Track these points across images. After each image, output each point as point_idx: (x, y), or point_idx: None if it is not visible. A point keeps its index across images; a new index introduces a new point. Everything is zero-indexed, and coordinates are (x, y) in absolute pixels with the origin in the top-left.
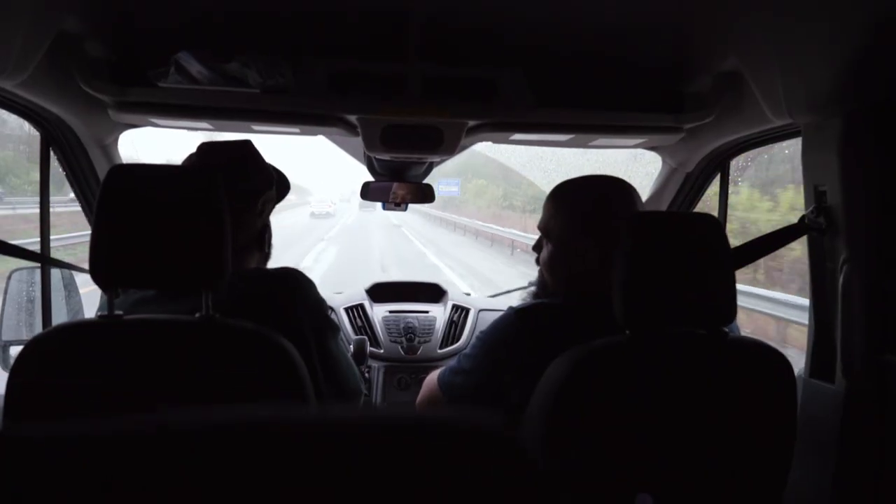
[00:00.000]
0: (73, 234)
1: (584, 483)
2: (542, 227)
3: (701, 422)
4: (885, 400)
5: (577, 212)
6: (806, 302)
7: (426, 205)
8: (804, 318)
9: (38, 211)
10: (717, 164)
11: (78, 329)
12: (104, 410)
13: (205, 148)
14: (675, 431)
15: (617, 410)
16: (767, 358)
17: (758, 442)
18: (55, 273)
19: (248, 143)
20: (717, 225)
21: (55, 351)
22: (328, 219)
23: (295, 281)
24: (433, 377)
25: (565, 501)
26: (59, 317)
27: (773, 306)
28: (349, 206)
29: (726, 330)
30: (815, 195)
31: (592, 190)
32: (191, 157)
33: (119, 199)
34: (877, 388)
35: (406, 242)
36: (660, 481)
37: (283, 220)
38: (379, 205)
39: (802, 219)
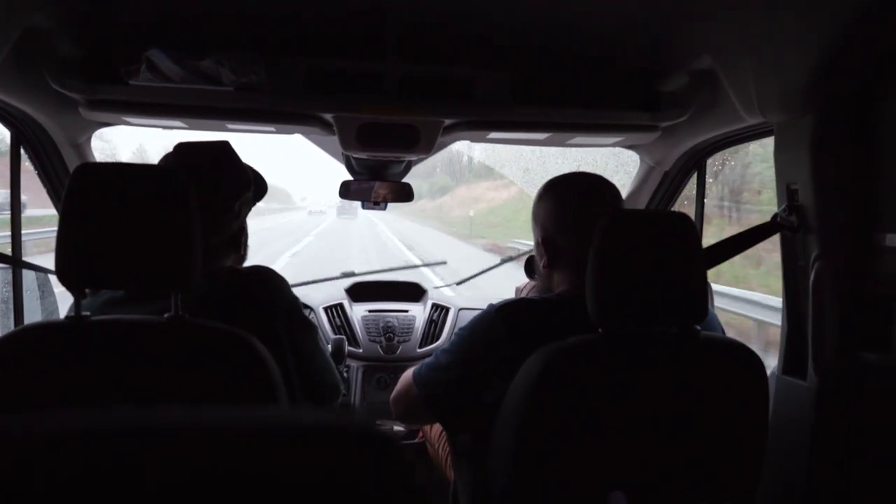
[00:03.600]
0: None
1: (557, 481)
2: (534, 227)
3: (674, 419)
4: (857, 396)
5: (562, 204)
6: None
7: None
8: None
9: None
10: (694, 163)
11: (44, 330)
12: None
13: (181, 148)
14: (648, 429)
15: (590, 409)
16: (739, 355)
17: (731, 439)
18: (29, 274)
19: (225, 144)
20: (689, 223)
21: (20, 352)
22: (321, 216)
23: (266, 278)
24: (409, 373)
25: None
26: (33, 318)
27: None
28: (324, 217)
29: (698, 328)
30: (787, 193)
31: (576, 184)
32: (167, 157)
33: (86, 198)
34: (848, 384)
35: None
36: (633, 479)
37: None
38: (360, 211)
39: (775, 217)
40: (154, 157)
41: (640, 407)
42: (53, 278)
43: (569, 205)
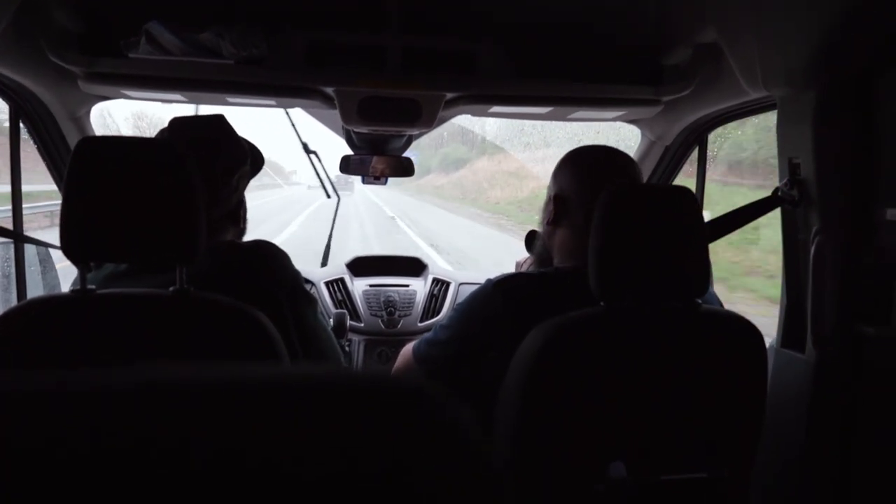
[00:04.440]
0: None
1: (559, 452)
2: (550, 186)
3: (674, 392)
4: (855, 369)
5: (583, 170)
6: None
7: None
8: None
9: None
10: (696, 138)
11: (49, 303)
12: None
13: (177, 123)
14: (649, 402)
15: (591, 381)
16: (739, 328)
17: (729, 411)
18: (31, 249)
19: (221, 118)
20: (691, 197)
21: (26, 325)
22: (319, 189)
23: (268, 252)
24: (408, 348)
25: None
26: (35, 293)
27: None
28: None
29: (699, 301)
30: (789, 167)
31: (598, 153)
32: (163, 132)
33: (89, 172)
34: (846, 357)
35: None
36: (633, 450)
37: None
38: (357, 186)
39: (776, 191)
40: (119, 126)
41: (640, 380)
42: (54, 253)
43: (589, 171)
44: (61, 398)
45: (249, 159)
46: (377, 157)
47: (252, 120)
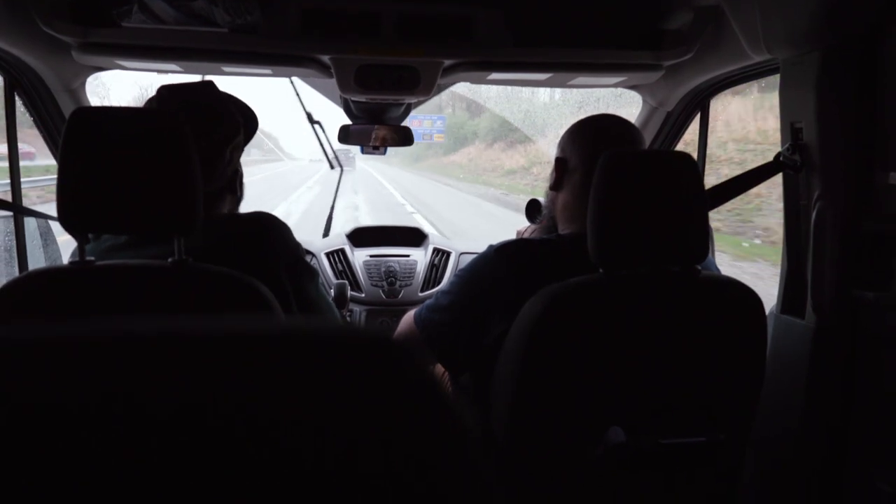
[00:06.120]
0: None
1: (558, 417)
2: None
3: (673, 357)
4: (854, 334)
5: (587, 137)
6: None
7: None
8: None
9: None
10: (698, 103)
11: (48, 275)
12: None
13: (165, 92)
14: (648, 367)
15: (590, 348)
16: (739, 294)
17: (729, 376)
18: (31, 222)
19: (210, 84)
20: (691, 162)
21: (26, 297)
22: (320, 163)
23: (268, 224)
24: (410, 315)
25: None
26: (37, 265)
27: None
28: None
29: (699, 267)
30: (791, 132)
31: (603, 121)
32: (151, 101)
33: (84, 142)
34: (846, 323)
35: None
36: (632, 415)
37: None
38: (357, 163)
39: (778, 156)
40: None
41: (640, 345)
42: (55, 227)
43: (590, 135)
44: (31, 349)
45: (242, 130)
46: (376, 127)
47: (246, 91)
